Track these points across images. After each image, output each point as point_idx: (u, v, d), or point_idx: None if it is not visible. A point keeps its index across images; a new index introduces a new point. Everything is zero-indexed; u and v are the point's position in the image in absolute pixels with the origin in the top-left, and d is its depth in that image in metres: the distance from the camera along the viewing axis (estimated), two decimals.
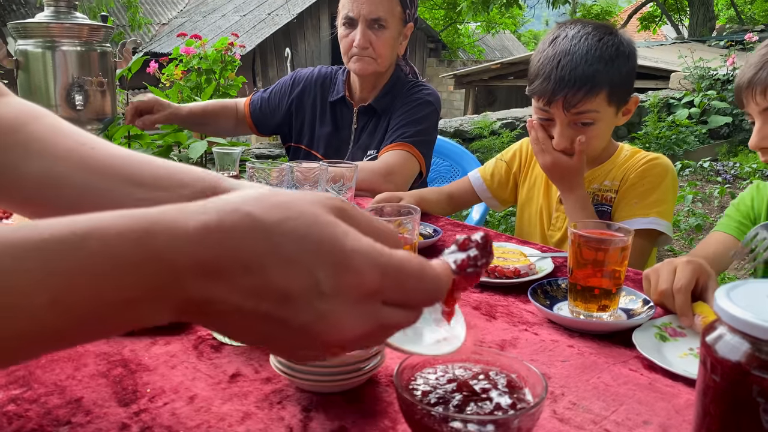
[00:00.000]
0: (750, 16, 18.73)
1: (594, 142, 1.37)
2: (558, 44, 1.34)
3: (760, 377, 0.49)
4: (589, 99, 1.30)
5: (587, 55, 1.30)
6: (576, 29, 1.35)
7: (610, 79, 1.31)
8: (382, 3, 1.79)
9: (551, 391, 0.70)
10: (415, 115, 1.83)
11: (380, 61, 1.83)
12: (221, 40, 3.84)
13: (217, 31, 16.40)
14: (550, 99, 1.32)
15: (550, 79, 1.31)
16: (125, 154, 0.66)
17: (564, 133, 1.34)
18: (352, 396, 0.68)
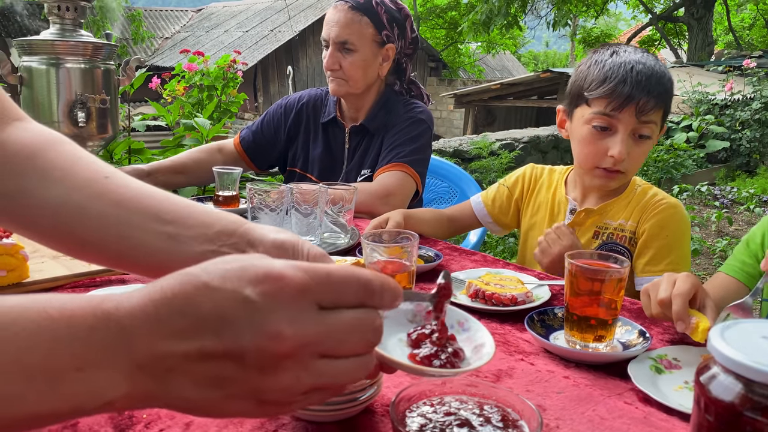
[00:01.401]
0: (748, 42, 18.93)
1: (642, 158, 1.37)
2: (622, 54, 1.34)
3: (752, 419, 0.49)
4: (656, 110, 1.31)
5: (656, 66, 1.32)
6: (631, 47, 1.39)
7: (668, 98, 1.34)
8: (350, 26, 1.79)
9: (546, 424, 0.70)
10: (410, 134, 1.84)
11: (351, 82, 1.84)
12: (224, 57, 3.88)
13: (220, 46, 16.53)
14: (624, 103, 1.29)
15: (626, 83, 1.28)
16: (143, 186, 0.66)
17: (626, 141, 1.32)
18: (347, 426, 0.68)
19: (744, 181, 7.32)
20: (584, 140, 1.38)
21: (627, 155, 1.32)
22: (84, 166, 0.65)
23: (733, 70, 9.81)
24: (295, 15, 16.14)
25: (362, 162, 1.90)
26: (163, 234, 0.63)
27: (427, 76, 18.55)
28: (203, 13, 20.95)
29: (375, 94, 1.92)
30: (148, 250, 0.63)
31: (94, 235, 0.63)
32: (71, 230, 0.63)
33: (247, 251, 0.63)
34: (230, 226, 0.64)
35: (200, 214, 0.65)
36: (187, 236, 0.63)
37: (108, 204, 0.63)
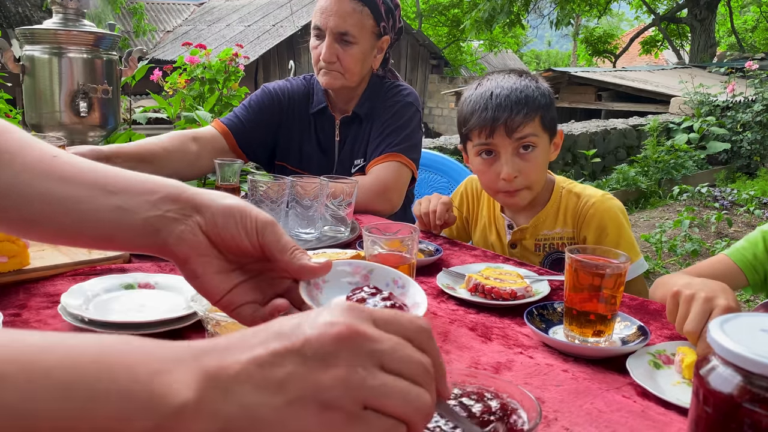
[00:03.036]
0: (751, 44, 18.91)
1: (537, 169, 1.41)
2: (485, 84, 1.44)
3: (751, 410, 0.49)
4: (527, 122, 1.37)
5: (515, 85, 1.40)
6: (496, 73, 1.47)
7: (540, 107, 1.39)
8: (351, 16, 1.72)
9: (545, 416, 0.71)
10: (399, 120, 1.80)
11: (348, 76, 1.78)
12: (225, 50, 3.87)
13: (221, 40, 16.50)
14: (493, 127, 1.37)
15: (488, 109, 1.38)
16: (90, 163, 0.67)
17: (510, 161, 1.39)
18: None
19: (744, 183, 7.32)
20: (478, 170, 1.47)
21: (519, 172, 1.39)
22: (32, 149, 0.66)
23: (735, 71, 9.80)
24: (298, 10, 16.10)
25: (354, 152, 1.86)
26: (110, 205, 0.63)
27: (428, 73, 18.51)
28: (205, 6, 20.91)
29: (365, 85, 1.88)
30: (95, 222, 0.63)
31: (42, 212, 0.63)
32: (18, 209, 0.63)
33: (192, 216, 0.64)
34: (174, 192, 0.65)
35: (144, 182, 0.65)
36: (132, 204, 0.63)
37: (54, 181, 0.63)
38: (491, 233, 1.59)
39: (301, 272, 0.65)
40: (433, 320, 0.98)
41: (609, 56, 21.03)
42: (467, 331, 0.94)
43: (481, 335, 0.93)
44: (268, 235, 0.64)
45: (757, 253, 1.26)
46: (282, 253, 0.64)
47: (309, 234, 1.42)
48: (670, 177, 6.84)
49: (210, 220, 0.63)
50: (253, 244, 0.64)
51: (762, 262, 1.26)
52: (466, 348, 0.88)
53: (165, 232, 0.63)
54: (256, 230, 0.64)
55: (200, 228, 0.63)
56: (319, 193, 1.40)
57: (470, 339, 0.92)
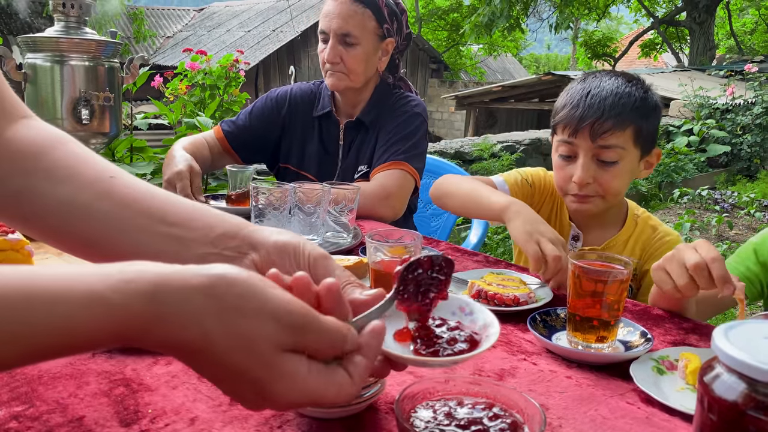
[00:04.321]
0: (750, 47, 18.94)
1: (615, 181, 1.32)
2: (588, 81, 1.35)
3: (756, 417, 0.49)
4: (616, 132, 1.28)
5: (617, 89, 1.30)
6: (605, 72, 1.37)
7: (638, 118, 1.29)
8: (353, 18, 1.76)
9: (549, 422, 0.71)
10: (406, 130, 1.82)
11: (352, 77, 1.81)
12: (226, 56, 3.88)
13: (221, 45, 16.54)
14: (577, 127, 1.29)
15: (578, 107, 1.29)
16: (147, 187, 0.66)
17: (586, 166, 1.30)
18: (351, 423, 0.68)
19: (744, 185, 7.32)
20: (555, 168, 1.40)
21: (592, 180, 1.31)
22: (89, 165, 0.65)
23: (735, 74, 9.81)
24: (297, 15, 16.14)
25: (358, 158, 1.89)
26: (168, 236, 0.63)
27: (428, 77, 18.55)
28: (205, 12, 20.96)
29: (371, 89, 1.91)
30: (152, 251, 0.63)
31: (99, 235, 0.63)
32: (76, 229, 0.63)
33: (249, 254, 0.63)
34: (232, 229, 0.64)
35: (203, 216, 0.65)
36: (190, 238, 0.63)
37: (113, 204, 0.63)
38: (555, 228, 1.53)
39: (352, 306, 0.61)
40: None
41: (608, 59, 21.05)
42: None
43: None
44: (320, 269, 0.63)
45: (750, 266, 1.26)
46: None
47: (311, 240, 1.41)
48: (670, 180, 6.84)
49: (265, 257, 0.63)
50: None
51: (756, 274, 1.25)
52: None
53: None
54: (309, 266, 0.62)
55: (255, 266, 0.62)
56: (322, 200, 1.40)
57: None
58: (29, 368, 0.76)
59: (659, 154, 1.40)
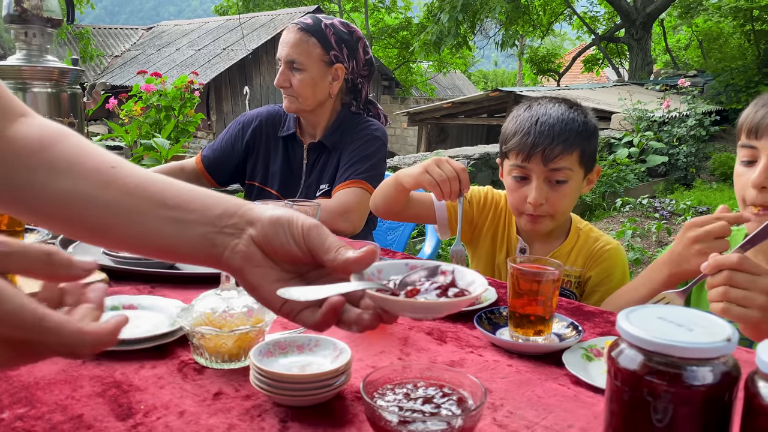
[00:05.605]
0: (684, 62, 19.85)
1: (565, 201, 1.46)
2: (534, 108, 1.47)
3: (649, 381, 0.62)
4: (565, 155, 1.41)
5: (563, 116, 1.43)
6: (547, 100, 1.50)
7: (582, 142, 1.43)
8: (299, 46, 1.91)
9: (492, 402, 0.82)
10: (366, 151, 1.95)
11: (301, 99, 1.95)
12: (181, 77, 3.94)
13: (171, 64, 16.39)
14: (530, 153, 1.41)
15: (530, 134, 1.41)
16: (147, 174, 0.69)
17: (540, 188, 1.43)
18: (323, 409, 0.78)
19: (682, 193, 7.72)
20: (509, 190, 1.51)
21: (545, 200, 1.43)
22: (91, 157, 0.68)
23: (670, 88, 10.35)
24: (249, 33, 16.17)
25: (321, 177, 2.00)
26: (169, 219, 0.66)
27: (380, 94, 18.81)
28: (154, 31, 20.75)
29: (329, 112, 2.03)
30: (154, 234, 0.66)
31: (103, 223, 0.66)
32: (81, 219, 0.67)
33: (246, 230, 0.66)
34: (231, 208, 0.67)
35: (202, 198, 0.68)
36: (190, 220, 0.66)
37: (116, 193, 0.66)
38: (501, 252, 1.61)
39: (347, 267, 0.65)
40: (394, 328, 1.09)
41: (553, 75, 21.77)
42: (425, 336, 1.06)
43: (437, 338, 1.05)
44: (312, 238, 0.66)
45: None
46: (327, 253, 0.65)
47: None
48: (613, 190, 7.17)
49: (261, 231, 0.66)
50: (302, 250, 0.66)
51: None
52: (424, 350, 1.00)
53: (220, 246, 0.66)
54: (302, 236, 0.66)
55: (253, 240, 0.66)
56: None
57: (427, 342, 1.03)
58: (25, 375, 0.84)
59: (599, 171, 1.54)
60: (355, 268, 0.65)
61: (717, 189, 7.92)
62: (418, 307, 0.65)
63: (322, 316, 0.64)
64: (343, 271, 0.66)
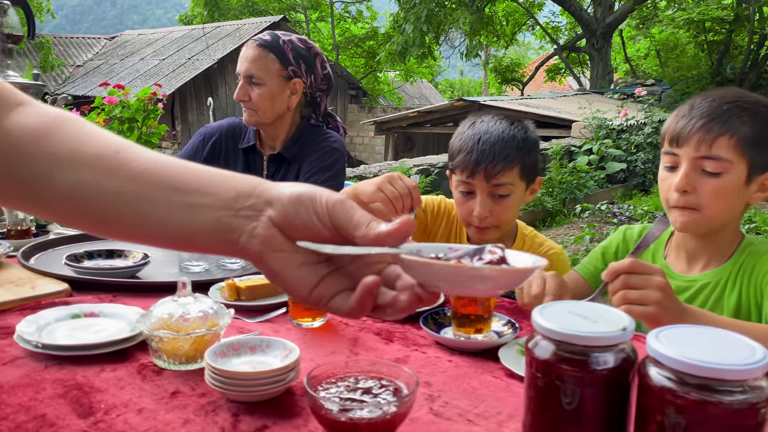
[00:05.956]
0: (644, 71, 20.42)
1: (508, 213, 1.55)
2: (477, 126, 1.56)
3: (559, 367, 0.70)
4: (506, 171, 1.50)
5: (503, 134, 1.51)
6: (490, 117, 1.59)
7: (522, 157, 1.52)
8: (257, 61, 1.97)
9: (430, 394, 0.90)
10: (325, 162, 2.02)
11: (260, 113, 2.01)
12: (144, 89, 3.95)
13: (135, 74, 16.24)
14: (473, 170, 1.50)
15: (473, 152, 1.50)
16: (156, 157, 0.64)
17: (484, 203, 1.52)
18: (273, 403, 0.85)
19: (640, 199, 7.97)
20: (457, 203, 1.60)
21: (490, 213, 1.52)
22: (93, 143, 0.63)
23: (628, 97, 10.66)
24: (214, 43, 16.12)
25: None
26: (180, 204, 0.61)
27: (348, 103, 18.90)
28: (117, 40, 20.51)
29: (289, 125, 2.09)
30: (167, 222, 0.61)
31: (110, 212, 0.62)
32: (87, 210, 0.62)
33: (265, 211, 0.60)
34: (247, 189, 0.62)
35: (216, 179, 0.63)
36: (204, 204, 0.61)
37: (121, 180, 0.62)
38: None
39: (380, 240, 0.57)
40: (345, 329, 1.16)
41: (517, 84, 22.16)
42: (373, 336, 1.13)
43: (385, 338, 1.12)
44: (338, 214, 0.59)
45: (598, 266, 1.50)
46: (357, 229, 0.58)
47: (197, 266, 1.47)
48: (573, 196, 7.36)
49: (281, 211, 0.59)
50: (328, 228, 0.59)
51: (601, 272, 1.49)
52: (372, 349, 1.07)
53: (237, 231, 0.60)
54: (327, 212, 0.59)
55: (272, 222, 0.59)
56: None
57: (376, 342, 1.10)
58: None
59: (540, 182, 1.64)
60: (389, 242, 0.57)
61: None
62: (468, 274, 0.55)
63: (357, 300, 0.57)
64: (377, 246, 0.58)
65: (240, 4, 23.94)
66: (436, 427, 0.82)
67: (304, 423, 0.81)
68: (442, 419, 0.84)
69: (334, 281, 0.60)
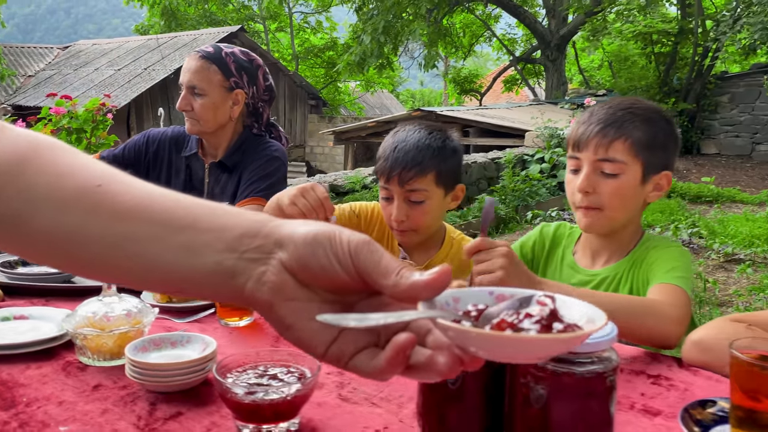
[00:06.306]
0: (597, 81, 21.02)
1: (425, 217, 1.61)
2: (397, 135, 1.64)
3: None
4: (419, 178, 1.56)
5: (418, 142, 1.59)
6: (411, 126, 1.66)
7: (438, 164, 1.58)
8: (199, 72, 2.02)
9: (341, 381, 0.97)
10: (266, 170, 2.07)
11: (202, 122, 2.05)
12: (92, 100, 3.94)
13: (89, 84, 15.97)
14: (389, 176, 1.57)
15: (389, 159, 1.57)
16: (144, 189, 0.56)
17: (400, 207, 1.59)
18: (190, 393, 0.91)
19: None
20: (381, 207, 1.67)
21: (406, 217, 1.58)
22: (72, 176, 0.55)
23: (578, 107, 10.99)
24: (171, 53, 15.98)
25: (222, 195, 2.10)
26: (177, 244, 0.53)
27: (307, 113, 18.92)
28: (70, 50, 20.12)
29: (230, 134, 2.14)
30: (160, 265, 0.53)
31: (98, 257, 0.54)
32: (71, 254, 0.55)
33: (275, 253, 0.52)
34: (253, 227, 0.53)
35: (215, 214, 0.55)
36: (203, 243, 0.53)
37: (107, 219, 0.54)
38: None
39: (413, 293, 0.49)
40: (270, 328, 1.22)
41: (475, 94, 22.53)
42: None
43: None
44: (363, 258, 0.51)
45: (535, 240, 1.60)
46: (385, 277, 0.50)
47: None
48: (525, 204, 7.55)
49: (294, 254, 0.51)
50: (350, 273, 0.51)
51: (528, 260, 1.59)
52: None
53: (242, 276, 0.52)
54: (349, 255, 0.51)
55: (284, 266, 0.51)
56: None
57: None
58: None
59: (462, 188, 1.71)
60: (425, 295, 0.49)
61: None
62: (508, 345, 0.48)
63: (388, 360, 0.49)
64: (410, 299, 0.50)
65: (198, 15, 23.77)
66: (342, 409, 0.89)
67: (217, 409, 0.87)
68: (349, 403, 0.91)
69: (356, 335, 0.51)
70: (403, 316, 0.49)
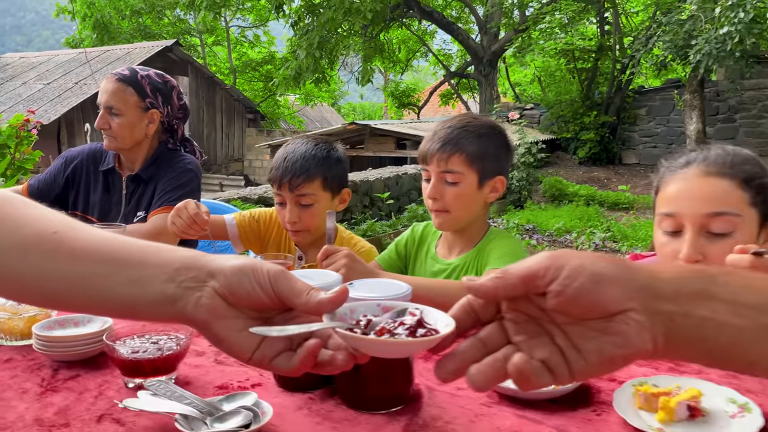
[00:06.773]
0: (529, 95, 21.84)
1: (315, 219, 1.82)
2: (287, 147, 1.86)
3: None
4: (306, 183, 1.77)
5: (305, 153, 1.80)
6: (301, 139, 1.88)
7: (323, 171, 1.80)
8: (115, 94, 2.20)
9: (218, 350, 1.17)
10: (179, 181, 2.25)
11: (119, 139, 2.23)
12: (16, 116, 4.00)
13: (17, 99, 15.54)
14: (280, 183, 1.78)
15: (280, 169, 1.79)
16: (95, 235, 0.69)
17: (292, 210, 1.80)
18: (87, 361, 1.10)
19: (514, 213, 8.65)
20: (276, 211, 1.87)
21: (298, 219, 1.77)
22: (29, 225, 0.67)
23: (506, 121, 11.50)
24: (103, 67, 15.73)
25: (138, 206, 2.28)
26: (125, 280, 0.65)
27: (245, 127, 18.92)
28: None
29: (147, 149, 2.31)
30: (113, 297, 0.66)
31: (59, 292, 0.66)
32: (36, 291, 0.66)
33: (208, 282, 0.65)
34: (189, 261, 0.67)
35: (157, 253, 0.68)
36: (147, 277, 0.65)
37: (63, 261, 0.65)
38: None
39: (320, 308, 0.65)
40: None
41: (413, 108, 23.01)
42: None
43: None
44: (281, 284, 0.66)
45: (392, 257, 1.83)
46: (298, 297, 0.65)
47: None
48: None
49: (224, 282, 0.65)
50: (270, 296, 0.66)
51: (396, 261, 1.82)
52: None
53: (182, 301, 0.65)
54: (269, 282, 0.65)
55: (216, 292, 0.65)
56: None
57: None
58: None
59: (349, 193, 1.94)
60: (328, 309, 0.66)
61: (544, 209, 8.94)
62: (385, 347, 0.66)
63: (300, 360, 0.65)
64: (317, 312, 0.66)
65: (132, 28, 23.42)
66: (215, 369, 1.10)
67: (111, 372, 1.07)
68: (222, 365, 1.12)
69: (274, 342, 0.66)
70: (312, 327, 0.65)
